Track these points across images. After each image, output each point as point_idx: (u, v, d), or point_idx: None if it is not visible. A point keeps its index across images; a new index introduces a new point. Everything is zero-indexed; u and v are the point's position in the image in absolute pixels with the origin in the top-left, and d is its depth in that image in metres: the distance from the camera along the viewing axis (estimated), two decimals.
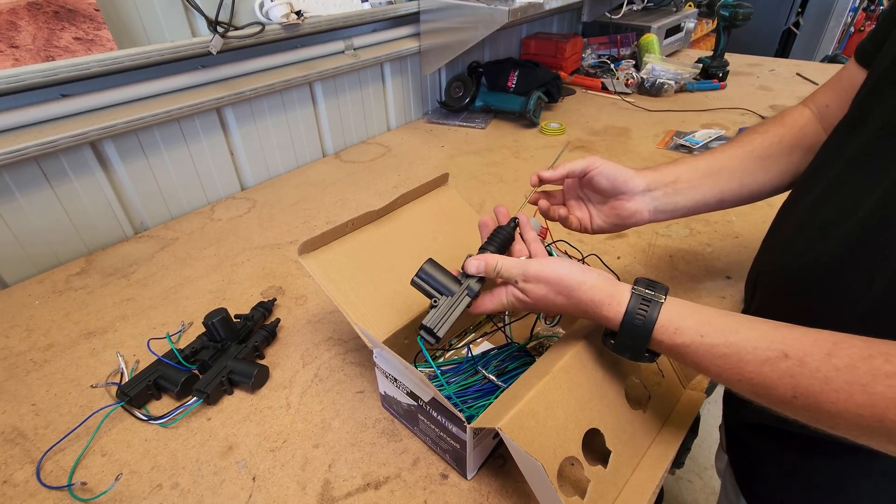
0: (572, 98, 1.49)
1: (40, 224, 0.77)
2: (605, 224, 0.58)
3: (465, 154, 1.15)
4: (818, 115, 0.57)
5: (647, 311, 0.39)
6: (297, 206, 0.95)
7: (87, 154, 0.79)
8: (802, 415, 0.33)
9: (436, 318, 0.45)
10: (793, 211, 0.50)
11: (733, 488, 0.59)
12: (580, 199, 0.60)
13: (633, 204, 0.55)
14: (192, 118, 0.89)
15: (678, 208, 0.56)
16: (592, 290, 0.41)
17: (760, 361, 0.34)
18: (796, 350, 0.33)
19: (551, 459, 0.38)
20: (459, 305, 0.46)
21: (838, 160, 0.45)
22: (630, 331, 0.39)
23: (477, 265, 0.46)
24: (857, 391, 0.30)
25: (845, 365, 0.31)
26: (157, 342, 0.63)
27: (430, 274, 0.47)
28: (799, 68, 1.66)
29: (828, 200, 0.44)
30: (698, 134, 1.16)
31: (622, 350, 0.41)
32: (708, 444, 1.45)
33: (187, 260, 0.80)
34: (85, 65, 0.70)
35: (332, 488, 0.46)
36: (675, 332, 0.38)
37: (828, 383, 0.31)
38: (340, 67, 1.07)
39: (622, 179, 0.55)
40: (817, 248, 0.43)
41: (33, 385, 0.58)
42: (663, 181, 0.56)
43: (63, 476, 0.48)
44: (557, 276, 0.43)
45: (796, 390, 0.33)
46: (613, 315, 0.40)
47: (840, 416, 0.31)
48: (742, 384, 0.35)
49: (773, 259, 0.51)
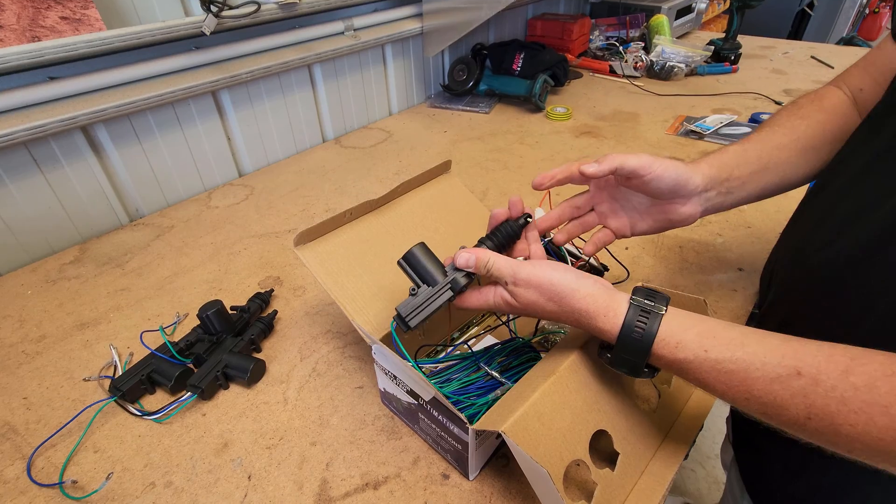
0: (579, 82, 1.45)
1: (32, 211, 0.75)
2: (649, 229, 0.51)
3: (468, 140, 1.12)
4: (852, 99, 0.53)
5: (647, 323, 0.36)
6: (296, 193, 0.93)
7: (79, 139, 0.77)
8: (817, 438, 0.31)
9: (410, 306, 0.43)
10: (815, 201, 0.47)
11: (738, 483, 0.58)
12: (615, 202, 0.52)
13: (688, 208, 0.49)
14: (186, 102, 0.87)
15: (724, 206, 0.51)
16: (587, 300, 0.38)
17: (770, 379, 0.31)
18: (810, 367, 0.30)
19: (557, 464, 0.36)
20: (439, 298, 0.43)
21: (868, 149, 0.42)
22: (628, 345, 0.36)
23: (466, 259, 0.43)
24: (878, 413, 0.27)
25: (864, 384, 0.28)
26: (151, 335, 0.61)
27: (417, 259, 0.44)
28: (813, 51, 1.61)
29: (853, 191, 0.42)
30: (709, 119, 1.12)
31: (619, 365, 0.38)
32: (712, 434, 1.44)
33: (183, 249, 0.78)
34: (72, 46, 0.67)
35: (330, 488, 0.45)
36: (676, 347, 0.35)
37: (845, 404, 0.28)
38: (340, 49, 1.03)
39: (683, 182, 0.47)
40: (839, 242, 0.41)
41: (25, 378, 0.57)
42: (718, 179, 0.49)
43: (54, 473, 0.47)
44: (549, 282, 0.39)
45: (810, 411, 0.30)
46: (609, 327, 0.37)
47: (859, 439, 0.28)
48: (750, 403, 0.33)
49: (791, 251, 0.49)
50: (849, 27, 3.08)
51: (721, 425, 1.46)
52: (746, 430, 0.56)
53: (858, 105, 0.52)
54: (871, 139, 0.42)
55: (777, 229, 0.76)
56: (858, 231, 0.39)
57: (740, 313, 0.62)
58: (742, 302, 0.63)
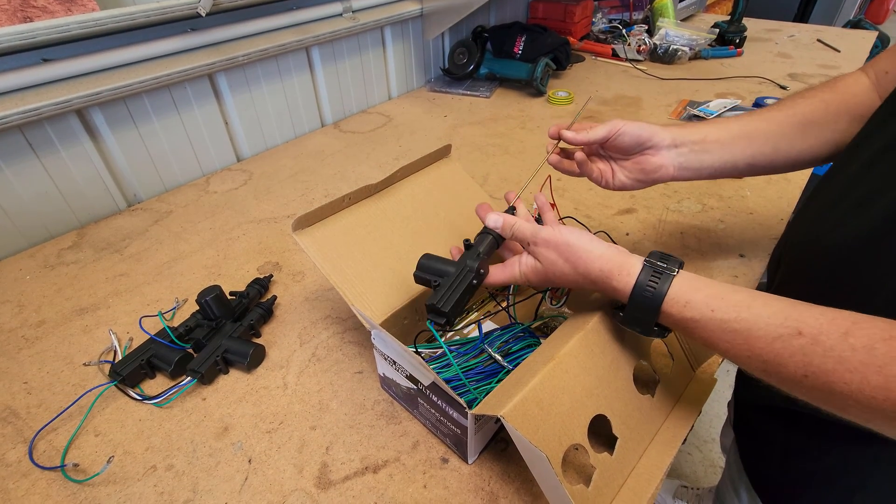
0: (581, 65, 1.43)
1: (28, 196, 0.74)
2: (628, 180, 0.55)
3: (468, 124, 1.11)
4: (875, 82, 0.52)
5: (658, 283, 0.37)
6: (295, 178, 0.92)
7: (74, 122, 0.76)
8: (812, 395, 0.32)
9: (436, 295, 0.44)
10: (831, 183, 0.47)
11: (737, 466, 0.58)
12: (601, 157, 0.58)
13: (658, 158, 0.53)
14: (182, 85, 0.85)
15: (704, 167, 0.54)
16: (601, 259, 0.40)
17: (772, 338, 0.32)
18: (811, 328, 0.31)
19: (556, 448, 0.37)
20: (462, 279, 0.45)
21: (885, 130, 0.41)
22: (639, 303, 0.38)
23: (495, 220, 0.48)
24: (873, 372, 0.28)
25: (863, 345, 0.29)
26: (150, 320, 0.61)
27: (427, 264, 0.47)
28: (820, 34, 1.58)
29: (870, 173, 0.41)
30: (713, 104, 1.11)
31: (631, 323, 0.40)
32: (709, 418, 1.45)
33: (182, 234, 0.78)
34: (65, 26, 0.66)
35: (330, 471, 0.45)
36: (684, 306, 0.36)
37: (842, 363, 0.30)
38: (338, 31, 1.02)
39: (647, 135, 0.53)
40: (852, 223, 0.41)
41: (25, 363, 0.57)
42: (690, 138, 0.53)
43: (56, 456, 0.47)
44: (566, 243, 0.42)
45: (807, 369, 0.31)
46: (622, 286, 0.39)
47: (852, 397, 0.29)
48: (751, 361, 0.34)
49: (803, 232, 0.49)
50: (856, 10, 3.03)
51: (718, 409, 1.47)
52: (748, 414, 0.57)
53: (881, 87, 0.51)
54: (889, 121, 0.42)
55: (779, 216, 0.75)
56: (873, 212, 0.39)
57: None
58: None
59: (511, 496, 0.43)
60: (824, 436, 0.46)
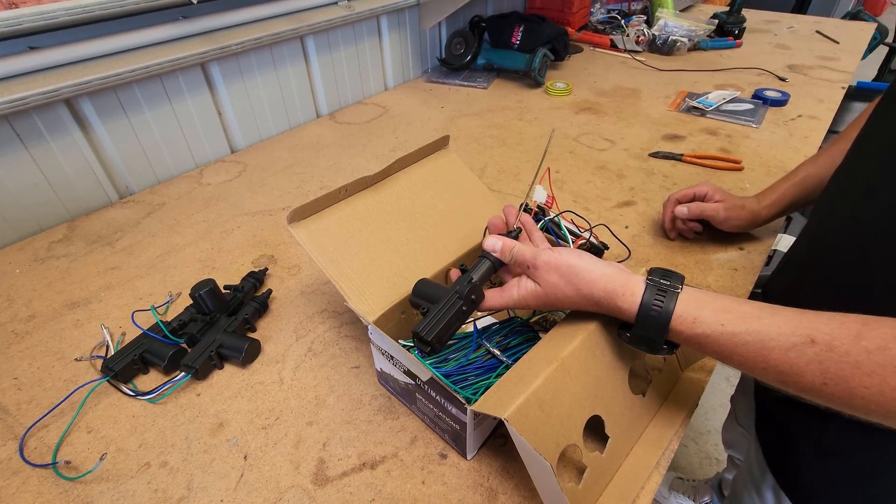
0: (579, 56, 1.41)
1: (17, 187, 0.73)
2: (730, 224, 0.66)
3: (466, 115, 1.09)
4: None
5: (664, 301, 0.37)
6: (290, 169, 0.91)
7: (63, 112, 0.74)
8: (834, 402, 0.31)
9: (423, 322, 0.42)
10: (840, 176, 0.47)
11: (759, 464, 0.57)
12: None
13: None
14: (174, 74, 0.84)
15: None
16: (604, 279, 0.39)
17: (786, 348, 0.32)
18: (823, 334, 0.31)
19: (553, 450, 0.36)
20: (449, 307, 0.43)
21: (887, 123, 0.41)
22: (647, 322, 0.37)
23: (493, 243, 0.46)
24: (891, 373, 0.28)
25: (876, 347, 0.29)
26: (144, 314, 0.60)
27: (420, 290, 0.47)
28: (819, 25, 1.57)
29: (874, 163, 0.41)
30: (711, 95, 1.10)
31: (638, 342, 0.39)
32: (704, 411, 1.46)
33: (175, 227, 0.76)
34: (52, 13, 0.64)
35: (327, 468, 0.45)
36: (693, 323, 0.36)
37: (859, 367, 0.29)
38: (333, 20, 1.00)
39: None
40: (860, 211, 0.41)
41: (15, 358, 0.56)
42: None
43: (47, 453, 0.46)
44: (568, 264, 0.41)
45: (826, 376, 0.30)
46: (628, 306, 0.38)
47: (873, 400, 0.29)
48: (768, 372, 0.33)
49: (815, 224, 0.49)
50: (854, 1, 3.02)
51: (714, 402, 1.48)
52: (772, 412, 0.56)
53: None
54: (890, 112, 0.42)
55: None
56: (880, 199, 0.39)
57: (741, 293, 0.61)
58: (742, 281, 0.63)
59: (510, 492, 0.43)
60: (857, 431, 0.45)
